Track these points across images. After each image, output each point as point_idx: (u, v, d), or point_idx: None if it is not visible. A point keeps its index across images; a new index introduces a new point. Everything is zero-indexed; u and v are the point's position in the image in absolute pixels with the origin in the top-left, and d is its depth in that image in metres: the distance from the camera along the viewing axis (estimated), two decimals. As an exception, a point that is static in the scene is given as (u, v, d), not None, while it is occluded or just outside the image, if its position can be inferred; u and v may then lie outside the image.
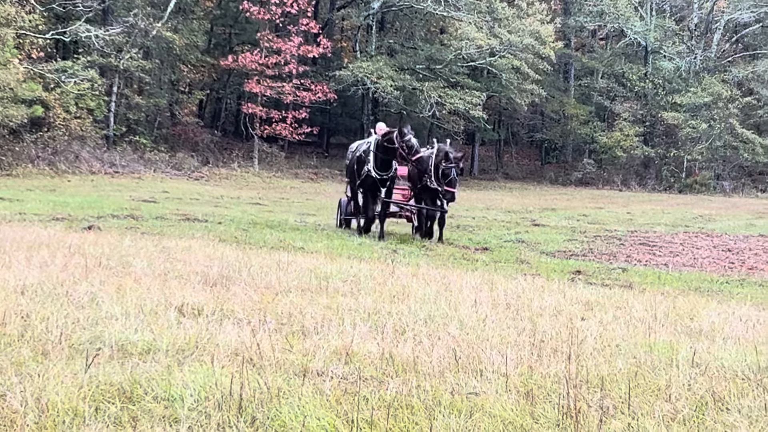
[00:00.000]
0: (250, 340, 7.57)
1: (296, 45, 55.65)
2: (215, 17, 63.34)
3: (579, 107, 70.18)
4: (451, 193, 22.94)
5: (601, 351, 8.25)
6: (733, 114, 64.67)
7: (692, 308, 11.75)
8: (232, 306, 9.27)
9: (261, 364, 6.95)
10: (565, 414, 6.10)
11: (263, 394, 6.11)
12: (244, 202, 36.21)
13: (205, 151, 56.69)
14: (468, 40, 58.25)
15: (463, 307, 10.36)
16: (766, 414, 6.37)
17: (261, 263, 13.71)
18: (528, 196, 52.85)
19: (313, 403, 6.00)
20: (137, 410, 5.80)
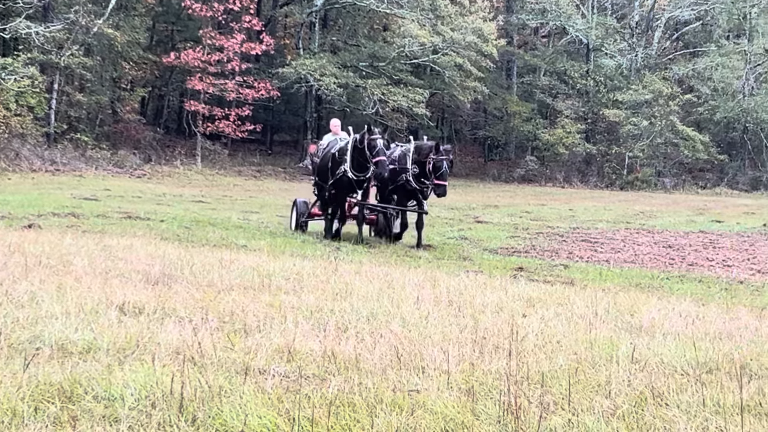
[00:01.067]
0: (191, 338, 7.54)
1: (239, 42, 55.45)
2: (157, 14, 62.93)
3: (521, 104, 70.48)
4: (443, 186, 21.85)
5: (542, 347, 8.30)
6: (674, 111, 65.19)
7: (633, 304, 11.85)
8: (173, 304, 9.22)
9: (202, 362, 6.92)
10: (506, 410, 6.13)
11: (204, 392, 6.09)
12: (186, 199, 36.02)
13: (147, 148, 56.34)
14: (411, 38, 58.32)
15: (405, 304, 10.38)
16: (704, 409, 6.43)
17: (203, 261, 13.65)
18: (471, 193, 53.01)
19: (254, 402, 5.99)
20: (77, 410, 5.76)
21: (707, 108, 69.05)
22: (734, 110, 66.64)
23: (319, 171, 23.37)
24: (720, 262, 21.37)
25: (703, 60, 69.11)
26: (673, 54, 75.47)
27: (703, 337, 9.36)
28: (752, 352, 8.56)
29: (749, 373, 7.66)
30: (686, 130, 65.28)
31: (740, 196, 60.51)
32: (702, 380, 7.21)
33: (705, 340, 9.10)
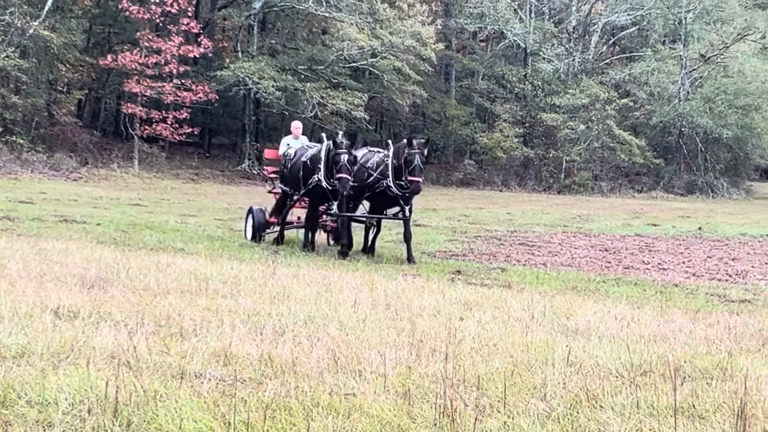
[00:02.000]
0: (127, 342, 7.49)
1: (177, 45, 55.11)
2: (94, 16, 62.40)
3: (460, 108, 70.67)
4: (416, 183, 20.31)
5: (479, 350, 8.34)
6: (611, 115, 65.69)
7: (569, 307, 11.93)
8: (109, 308, 9.16)
9: (138, 367, 6.88)
10: (442, 413, 6.14)
11: (139, 397, 6.05)
12: (123, 203, 35.77)
13: (84, 151, 55.82)
14: (350, 41, 58.32)
15: (343, 307, 10.39)
16: (638, 411, 6.49)
17: (140, 265, 13.58)
18: (410, 196, 53.10)
19: (189, 406, 5.96)
20: (10, 414, 5.70)
21: (643, 112, 69.65)
22: (670, 114, 67.28)
23: (290, 179, 22.14)
24: (656, 266, 21.57)
25: (640, 65, 69.69)
26: (609, 59, 76.06)
27: (638, 340, 9.44)
28: (686, 354, 8.64)
29: (683, 375, 7.73)
30: (623, 134, 65.82)
31: (676, 200, 61.13)
32: (636, 382, 7.27)
33: (640, 343, 9.19)
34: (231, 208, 34.98)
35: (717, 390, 7.14)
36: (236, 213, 32.37)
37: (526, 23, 70.51)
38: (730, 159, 69.73)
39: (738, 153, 69.06)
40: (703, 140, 67.43)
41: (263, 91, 56.54)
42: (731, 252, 25.31)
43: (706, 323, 11.21)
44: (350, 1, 58.82)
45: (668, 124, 68.50)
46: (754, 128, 67.30)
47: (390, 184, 20.78)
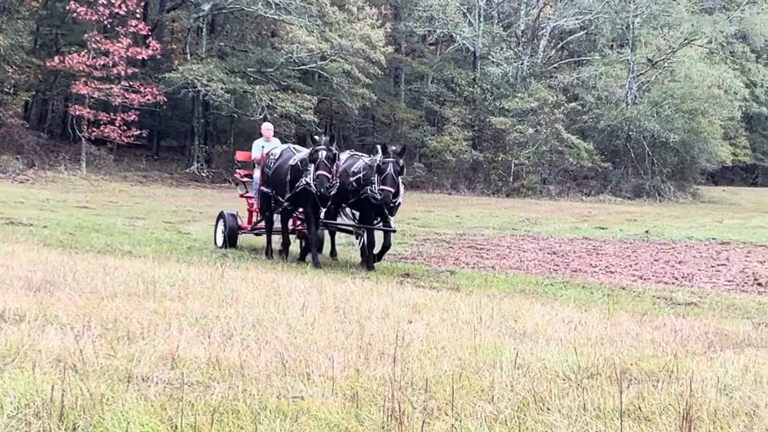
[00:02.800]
0: (73, 346, 7.43)
1: (125, 47, 54.82)
2: (41, 17, 61.92)
3: (409, 111, 70.79)
4: (387, 192, 18.95)
5: (427, 353, 8.35)
6: (559, 119, 66.00)
7: (517, 310, 11.97)
8: (55, 311, 9.09)
9: (84, 370, 6.83)
10: (390, 416, 6.14)
11: (85, 400, 6.00)
12: (71, 205, 35.53)
13: (30, 153, 55.39)
14: (299, 44, 58.21)
15: (291, 310, 10.37)
16: (585, 414, 6.52)
17: (87, 268, 13.49)
18: (359, 199, 53.03)
19: (136, 409, 5.93)
20: (-46, 419, 5.65)
21: (591, 116, 70.08)
22: (618, 118, 67.71)
23: (275, 183, 20.64)
24: (603, 269, 21.70)
25: (588, 69, 70.08)
26: (558, 63, 76.47)
27: (585, 342, 9.49)
28: (633, 356, 8.70)
29: (629, 378, 7.78)
30: (571, 137, 66.16)
31: (623, 204, 61.51)
32: (583, 385, 7.31)
33: (587, 345, 9.24)
34: (180, 211, 34.85)
35: (663, 392, 7.19)
36: (185, 216, 32.28)
37: (475, 27, 70.71)
38: (677, 163, 70.28)
39: (685, 157, 69.61)
40: (651, 144, 67.91)
41: (212, 94, 56.36)
42: (678, 255, 25.51)
43: (653, 326, 11.29)
44: (299, 4, 58.72)
45: (616, 128, 68.92)
46: (701, 132, 67.87)
47: (374, 192, 19.35)
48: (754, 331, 11.36)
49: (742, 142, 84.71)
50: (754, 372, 8.13)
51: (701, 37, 69.22)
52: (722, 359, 8.81)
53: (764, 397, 7.17)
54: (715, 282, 19.89)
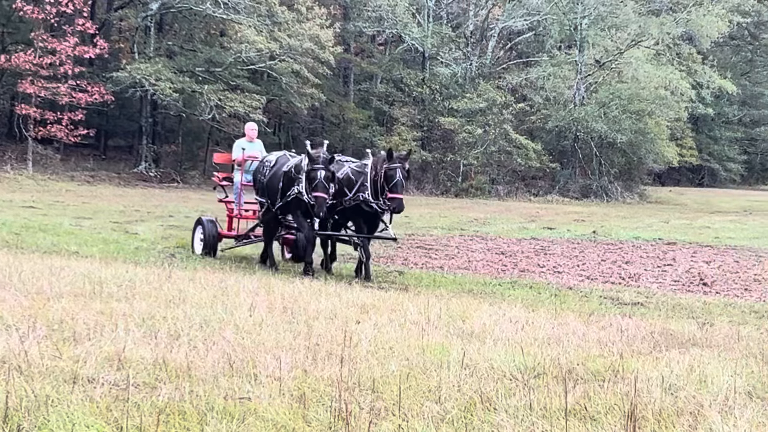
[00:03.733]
0: (18, 347, 7.37)
1: (72, 45, 54.37)
2: (-14, 16, 61.41)
3: (358, 111, 70.80)
4: (398, 200, 17.93)
5: (375, 353, 8.36)
6: (507, 120, 66.23)
7: (465, 310, 12.01)
8: (0, 312, 9.02)
9: (29, 371, 6.79)
10: (337, 416, 6.16)
11: (30, 402, 5.97)
12: (16, 205, 35.18)
13: (-25, 153, 54.99)
14: (248, 44, 57.99)
15: (239, 311, 10.35)
16: (531, 413, 6.56)
17: (33, 268, 13.39)
18: (308, 199, 52.90)
19: (82, 411, 5.90)
20: None
21: (540, 117, 70.39)
22: (565, 119, 68.01)
23: (268, 190, 19.36)
24: (551, 269, 21.81)
25: (536, 69, 70.33)
26: (506, 63, 76.70)
27: (533, 342, 9.54)
28: (579, 356, 8.76)
29: (575, 378, 7.84)
30: (519, 138, 66.39)
31: (571, 204, 61.83)
32: (530, 385, 7.35)
33: (534, 345, 9.28)
34: (127, 211, 34.62)
35: (608, 392, 7.25)
36: (133, 216, 32.09)
37: (424, 27, 70.78)
38: (624, 163, 70.73)
39: (632, 157, 70.07)
40: (598, 145, 68.28)
41: (160, 93, 56.03)
42: (625, 255, 25.69)
43: (599, 326, 11.37)
44: (248, 4, 58.50)
45: (564, 129, 69.25)
46: (648, 133, 68.31)
47: (368, 198, 18.37)
48: (699, 330, 11.47)
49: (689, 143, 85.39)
50: (699, 371, 8.20)
51: (648, 38, 69.66)
52: (668, 359, 8.88)
53: (708, 397, 7.24)
54: (661, 282, 20.05)
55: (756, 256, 26.55)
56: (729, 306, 16.36)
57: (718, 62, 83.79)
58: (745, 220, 45.49)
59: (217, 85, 58.59)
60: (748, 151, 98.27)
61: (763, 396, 7.57)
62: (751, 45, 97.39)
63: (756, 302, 17.23)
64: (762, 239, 32.70)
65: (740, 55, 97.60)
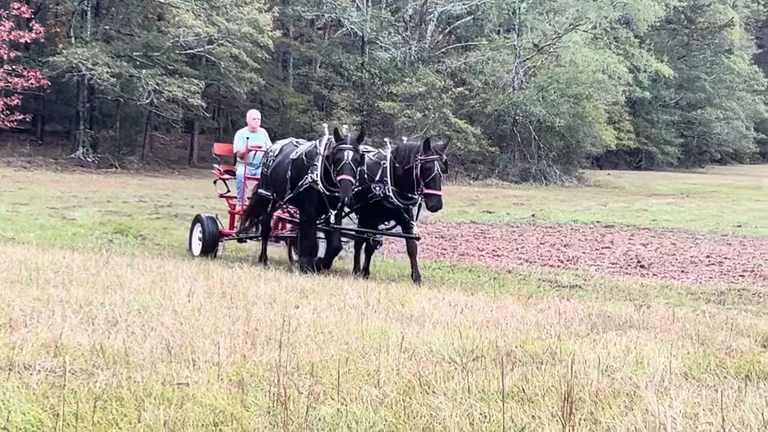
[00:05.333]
0: (-48, 335, 7.33)
1: (7, 30, 53.78)
2: None
3: (298, 96, 70.59)
4: (436, 197, 15.94)
5: (314, 338, 8.38)
6: (447, 104, 66.30)
7: (404, 294, 12.05)
8: (-65, 300, 8.95)
9: (-36, 359, 6.74)
10: (275, 401, 6.16)
11: (-35, 390, 5.93)
12: (-49, 192, 34.84)
13: None
14: (186, 28, 57.58)
15: (178, 296, 10.33)
16: (469, 396, 6.59)
17: (-32, 255, 13.28)
18: (247, 184, 52.75)
19: (18, 398, 5.86)
20: None
21: (479, 101, 70.48)
22: (504, 103, 68.16)
23: (274, 181, 17.49)
24: (490, 252, 21.92)
25: (475, 54, 70.40)
26: (446, 47, 76.74)
27: (471, 326, 9.58)
28: (517, 339, 8.82)
29: (514, 360, 7.89)
30: (459, 122, 66.47)
31: (510, 188, 62.02)
32: (468, 368, 7.39)
33: (473, 329, 9.33)
34: (65, 197, 34.30)
35: (546, 374, 7.31)
36: (70, 201, 31.80)
37: (363, 11, 70.63)
38: (563, 147, 71.05)
39: (570, 141, 70.40)
40: (537, 128, 68.56)
41: (97, 78, 55.47)
42: (563, 238, 25.86)
43: (538, 308, 11.44)
44: (186, -13, 58.18)
45: (503, 113, 69.41)
46: (585, 117, 68.66)
47: (389, 194, 16.43)
48: (636, 312, 11.57)
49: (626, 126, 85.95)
50: (636, 353, 8.29)
51: (586, 22, 69.97)
52: (605, 341, 8.96)
53: (645, 378, 7.33)
54: (599, 265, 20.22)
55: (692, 238, 26.83)
56: (666, 288, 16.55)
57: (654, 46, 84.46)
58: (681, 202, 45.92)
59: (155, 69, 58.12)
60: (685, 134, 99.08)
61: (698, 377, 7.67)
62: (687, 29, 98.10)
63: (692, 284, 17.45)
64: (698, 221, 33.05)
65: (677, 38, 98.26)
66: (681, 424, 6.09)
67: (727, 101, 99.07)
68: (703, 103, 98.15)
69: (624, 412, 6.40)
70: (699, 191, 57.27)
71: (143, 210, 28.85)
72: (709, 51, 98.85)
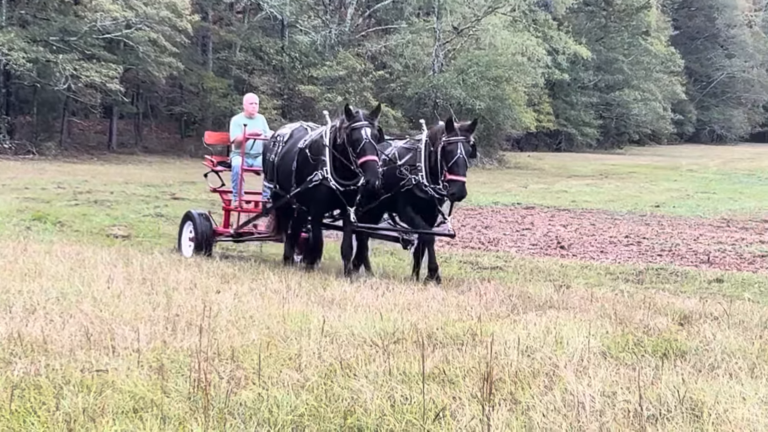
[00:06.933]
0: None
1: None
2: None
3: (218, 80, 70.11)
4: (458, 183, 13.77)
5: (235, 323, 8.37)
6: (367, 87, 66.27)
7: (325, 278, 12.07)
8: None
9: None
10: (196, 386, 6.14)
11: None
12: None
13: None
14: (103, 12, 56.92)
15: (97, 283, 10.26)
16: (390, 378, 6.62)
17: None
18: (168, 169, 52.32)
19: (-68, 388, 5.80)
20: None
21: (399, 84, 70.54)
22: (425, 86, 68.31)
23: (279, 174, 15.35)
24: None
25: (395, 37, 70.44)
26: (366, 31, 76.68)
27: (393, 308, 9.63)
28: (438, 321, 8.87)
29: (435, 342, 7.94)
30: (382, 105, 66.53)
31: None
32: (389, 350, 7.42)
33: (394, 311, 9.37)
34: (-20, 184, 33.89)
35: (467, 355, 7.36)
36: (-15, 188, 31.40)
37: (282, -5, 70.43)
38: (483, 129, 71.17)
39: (490, 123, 70.67)
40: (457, 111, 68.61)
41: (13, 63, 54.74)
42: (484, 220, 26.01)
43: (459, 290, 11.52)
44: (103, -29, 57.53)
45: (423, 96, 69.55)
46: (506, 99, 69.04)
47: (423, 181, 14.26)
48: (556, 293, 11.70)
49: (546, 108, 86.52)
50: (555, 333, 8.37)
51: (505, 5, 70.26)
52: (525, 321, 9.05)
53: (564, 358, 7.41)
54: (519, 246, 20.38)
55: (611, 218, 27.13)
56: (585, 268, 16.73)
57: (573, 28, 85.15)
58: (600, 183, 46.41)
59: (72, 54, 57.41)
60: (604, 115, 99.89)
61: (616, 355, 7.77)
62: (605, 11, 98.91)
63: (611, 264, 17.67)
64: (617, 202, 33.43)
65: (594, 21, 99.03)
66: (599, 402, 6.17)
67: (644, 82, 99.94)
68: (621, 84, 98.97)
69: (543, 391, 6.47)
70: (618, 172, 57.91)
71: (62, 196, 28.51)
72: (626, 33, 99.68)
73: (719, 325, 9.37)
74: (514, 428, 5.65)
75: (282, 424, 5.64)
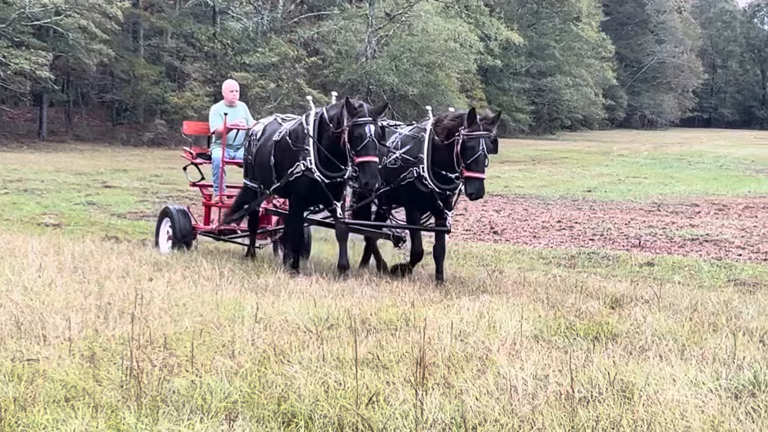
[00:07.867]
0: None
1: None
2: None
3: (149, 67, 69.62)
4: (478, 181, 12.78)
5: (168, 311, 8.35)
6: (300, 74, 66.16)
7: (258, 265, 12.06)
8: None
9: None
10: (128, 374, 6.12)
11: None
12: None
13: None
14: (32, -1, 56.54)
15: (27, 272, 10.18)
16: (324, 364, 6.64)
17: None
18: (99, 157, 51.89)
19: None
20: None
21: (332, 70, 70.50)
22: (358, 72, 68.36)
23: (258, 167, 14.46)
24: (345, 221, 21.95)
25: (327, 23, 70.39)
26: (298, 17, 76.49)
27: (326, 295, 9.65)
28: (372, 307, 8.89)
29: (368, 328, 7.96)
30: (312, 92, 66.37)
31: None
32: (323, 336, 7.44)
33: (328, 297, 9.40)
34: None
35: (400, 341, 7.39)
36: None
37: (213, -19, 70.05)
38: (416, 116, 71.47)
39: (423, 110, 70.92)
40: (390, 97, 68.74)
41: (-60, 51, 54.16)
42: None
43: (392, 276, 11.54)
44: (31, -43, 56.91)
45: (356, 82, 69.55)
46: (438, 85, 69.27)
47: (424, 174, 13.21)
48: (489, 278, 11.77)
49: (479, 94, 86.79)
50: (488, 317, 8.43)
51: (437, -9, 70.56)
52: (458, 306, 9.10)
53: (497, 342, 7.46)
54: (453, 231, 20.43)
55: (544, 203, 27.34)
56: (518, 253, 16.87)
57: (505, 14, 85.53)
58: (533, 169, 46.70)
59: (1, 41, 56.84)
60: (536, 101, 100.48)
61: (548, 339, 7.84)
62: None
63: (544, 248, 17.81)
64: (549, 187, 33.68)
65: (526, 7, 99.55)
66: (531, 385, 6.22)
67: (576, 68, 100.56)
68: (553, 70, 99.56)
69: (476, 375, 6.51)
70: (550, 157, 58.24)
71: (-9, 185, 28.25)
72: (558, 19, 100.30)
73: (650, 308, 9.47)
74: (447, 412, 5.68)
75: (215, 411, 5.63)
